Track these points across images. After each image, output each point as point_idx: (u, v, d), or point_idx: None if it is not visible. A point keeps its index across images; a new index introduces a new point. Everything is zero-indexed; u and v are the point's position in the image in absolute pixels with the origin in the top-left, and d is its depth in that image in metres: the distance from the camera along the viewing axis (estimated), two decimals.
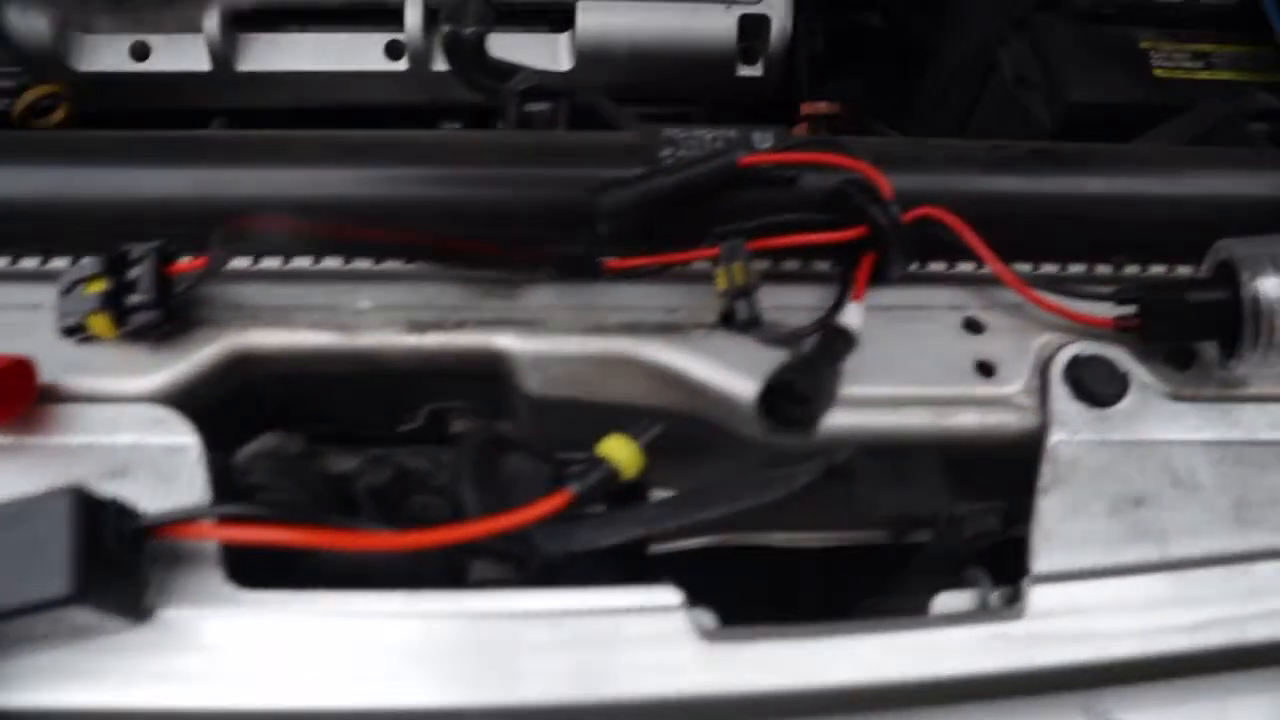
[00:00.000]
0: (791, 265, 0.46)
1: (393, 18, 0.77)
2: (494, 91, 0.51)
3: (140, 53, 0.78)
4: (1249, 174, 0.49)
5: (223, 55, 0.77)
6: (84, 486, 0.33)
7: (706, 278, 0.44)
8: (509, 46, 0.79)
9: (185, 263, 0.41)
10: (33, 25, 0.76)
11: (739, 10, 0.77)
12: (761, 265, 0.45)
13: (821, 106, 0.84)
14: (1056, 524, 0.39)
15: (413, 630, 0.36)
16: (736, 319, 0.41)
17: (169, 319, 0.40)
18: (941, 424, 0.41)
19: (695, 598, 0.37)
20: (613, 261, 0.44)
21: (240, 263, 0.44)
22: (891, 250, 0.41)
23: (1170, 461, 0.41)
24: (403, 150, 0.46)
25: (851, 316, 0.39)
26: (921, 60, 0.89)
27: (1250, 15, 0.68)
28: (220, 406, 0.43)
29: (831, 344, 0.35)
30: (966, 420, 0.41)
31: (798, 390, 0.30)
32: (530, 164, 0.45)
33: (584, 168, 0.45)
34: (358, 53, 0.78)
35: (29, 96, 0.76)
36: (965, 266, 0.46)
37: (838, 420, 0.40)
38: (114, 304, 0.39)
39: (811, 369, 0.32)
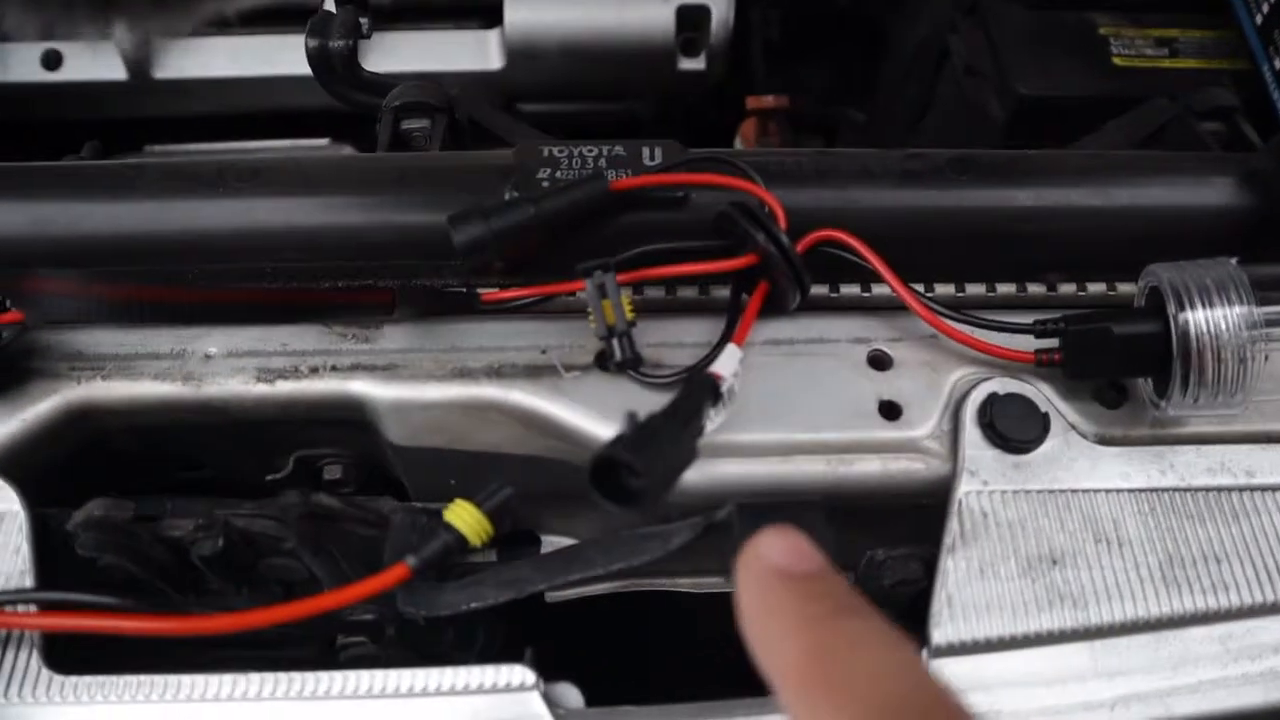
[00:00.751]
0: (689, 293, 0.42)
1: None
2: (371, 108, 0.47)
3: (52, 61, 0.75)
4: (1193, 182, 0.45)
5: (137, 63, 0.73)
6: None
7: (583, 311, 0.40)
8: (436, 44, 0.75)
9: (7, 314, 0.37)
10: None
11: (677, 1, 0.73)
12: (656, 294, 0.42)
13: (768, 100, 0.79)
14: (961, 587, 0.36)
15: (243, 718, 0.33)
16: (611, 360, 0.37)
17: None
18: (839, 473, 0.37)
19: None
20: (487, 294, 0.40)
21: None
22: (782, 279, 0.38)
23: (1094, 513, 0.37)
24: (259, 176, 0.42)
25: (724, 363, 0.35)
26: (882, 46, 0.84)
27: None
28: (65, 461, 0.40)
29: (688, 400, 0.32)
30: (867, 469, 0.38)
31: (633, 466, 0.26)
32: (391, 189, 0.41)
33: (451, 192, 0.41)
34: (279, 56, 0.75)
35: None
36: (880, 291, 0.42)
37: (722, 470, 0.37)
38: None
39: (651, 437, 0.28)
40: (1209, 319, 0.35)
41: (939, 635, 0.35)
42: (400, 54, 0.74)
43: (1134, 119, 0.51)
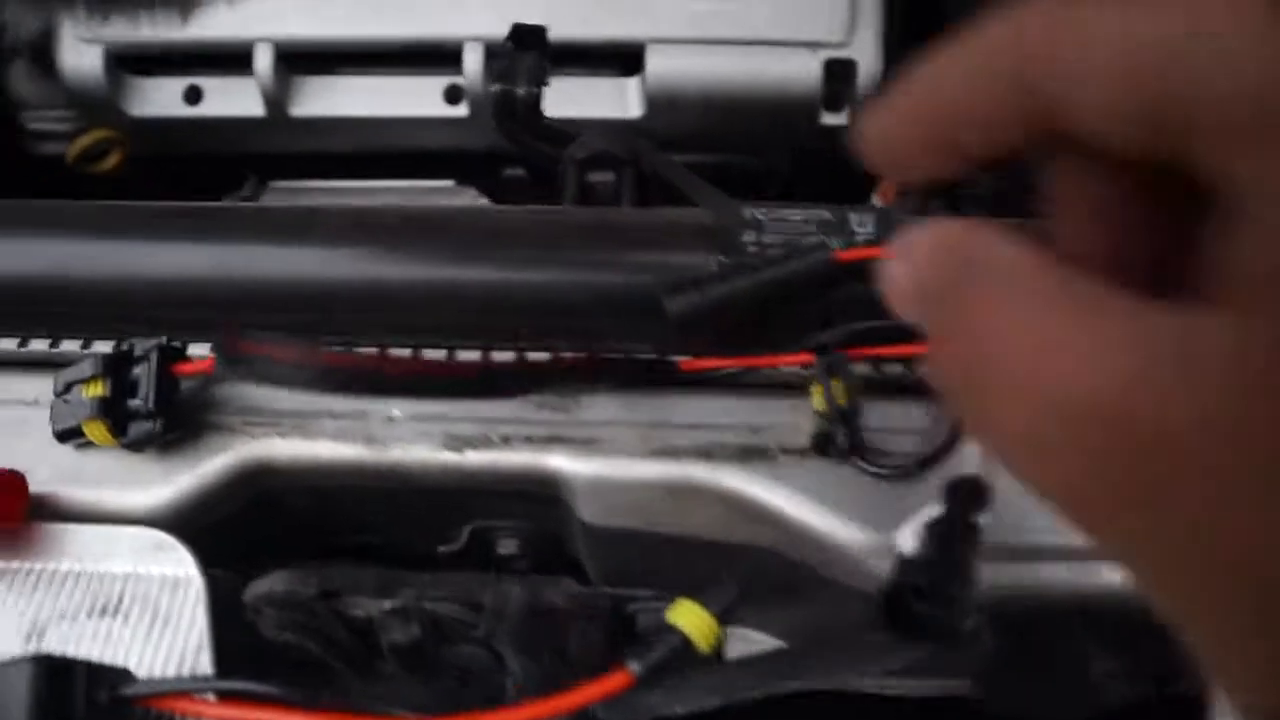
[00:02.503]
0: (895, 370, 0.39)
1: (451, 60, 0.72)
2: (552, 158, 0.45)
3: (193, 96, 0.75)
4: None
5: (276, 99, 0.73)
6: (50, 655, 0.28)
7: (794, 386, 0.37)
8: (574, 91, 0.74)
9: (191, 363, 0.35)
10: (86, 67, 0.73)
11: (825, 54, 0.70)
12: (862, 371, 0.38)
13: None
14: None
15: None
16: (834, 446, 0.34)
17: (172, 427, 0.35)
18: (1085, 581, 0.34)
19: None
20: (686, 363, 0.37)
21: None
22: None
23: None
24: (444, 227, 0.40)
25: (981, 467, 0.31)
26: None
27: None
28: (234, 518, 0.38)
29: (962, 506, 0.28)
30: (1114, 577, 0.34)
31: (932, 592, 0.23)
32: (588, 246, 0.39)
33: (653, 252, 0.39)
34: (415, 97, 0.74)
35: (83, 141, 0.74)
36: None
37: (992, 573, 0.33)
38: (112, 410, 0.34)
39: (942, 554, 0.25)
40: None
41: None
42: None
43: None
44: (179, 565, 0.33)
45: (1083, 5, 0.17)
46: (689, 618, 0.30)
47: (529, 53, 0.44)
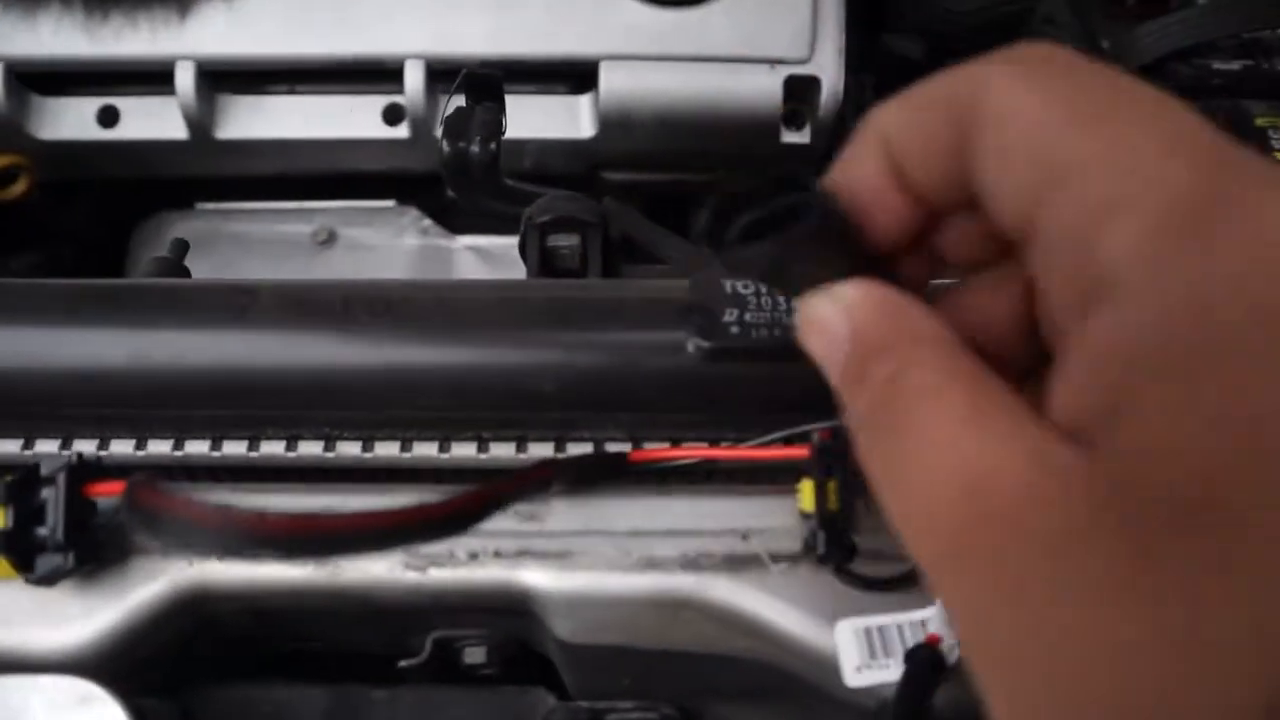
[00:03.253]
0: None
1: (391, 79, 0.67)
2: (510, 218, 0.42)
3: (108, 118, 0.69)
4: None
5: (199, 120, 0.67)
6: None
7: (783, 473, 0.35)
8: (524, 109, 0.70)
9: (108, 483, 0.31)
10: None
11: (785, 71, 0.68)
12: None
13: None
14: None
15: None
16: (822, 553, 0.32)
17: (86, 559, 0.31)
18: None
19: None
20: (633, 455, 0.34)
21: (192, 453, 0.36)
22: None
23: None
24: (393, 310, 0.36)
25: (939, 616, 0.29)
26: None
27: None
28: (168, 645, 0.34)
29: (918, 684, 0.27)
30: None
31: None
32: (552, 325, 0.36)
33: (627, 331, 0.36)
34: (352, 117, 0.69)
35: None
36: None
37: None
38: (16, 543, 0.30)
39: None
40: None
41: None
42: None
43: None
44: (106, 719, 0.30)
45: None
46: None
47: (483, 104, 0.41)
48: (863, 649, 0.30)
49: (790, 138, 0.71)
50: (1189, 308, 0.18)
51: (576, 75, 0.69)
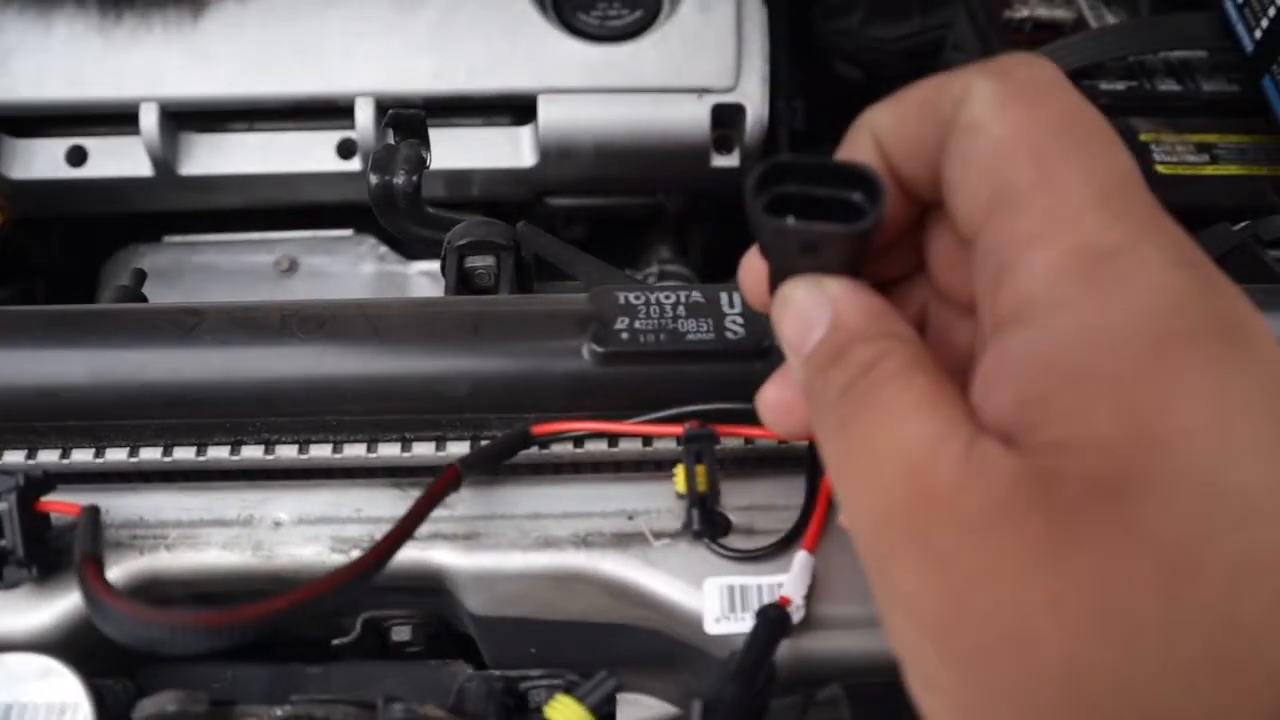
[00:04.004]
0: (768, 444, 0.41)
1: (344, 115, 0.72)
2: (433, 243, 0.46)
3: (77, 158, 0.73)
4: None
5: (163, 158, 0.72)
6: None
7: (667, 463, 0.39)
8: (467, 141, 0.75)
9: (59, 502, 0.35)
10: None
11: (712, 99, 0.73)
12: (734, 445, 0.41)
13: None
14: None
15: None
16: (694, 528, 0.36)
17: (49, 568, 0.35)
18: None
19: None
20: (538, 427, 0.39)
21: (146, 460, 0.40)
22: None
23: None
24: (324, 326, 0.41)
25: (794, 583, 0.34)
26: None
27: (1253, 103, 0.63)
28: None
29: (763, 637, 0.31)
30: None
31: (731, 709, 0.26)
32: (465, 338, 0.40)
33: (528, 339, 0.40)
34: (308, 152, 0.74)
35: None
36: None
37: (813, 645, 0.35)
38: None
39: (740, 683, 0.28)
40: None
41: None
42: (432, 152, 0.73)
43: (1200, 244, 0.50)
44: (65, 691, 0.34)
45: None
46: (566, 714, 0.31)
47: (407, 141, 0.45)
48: (724, 603, 0.34)
49: (720, 162, 0.76)
50: (1092, 335, 0.21)
51: (517, 108, 0.74)
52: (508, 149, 0.74)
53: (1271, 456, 0.20)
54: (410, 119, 0.45)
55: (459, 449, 0.40)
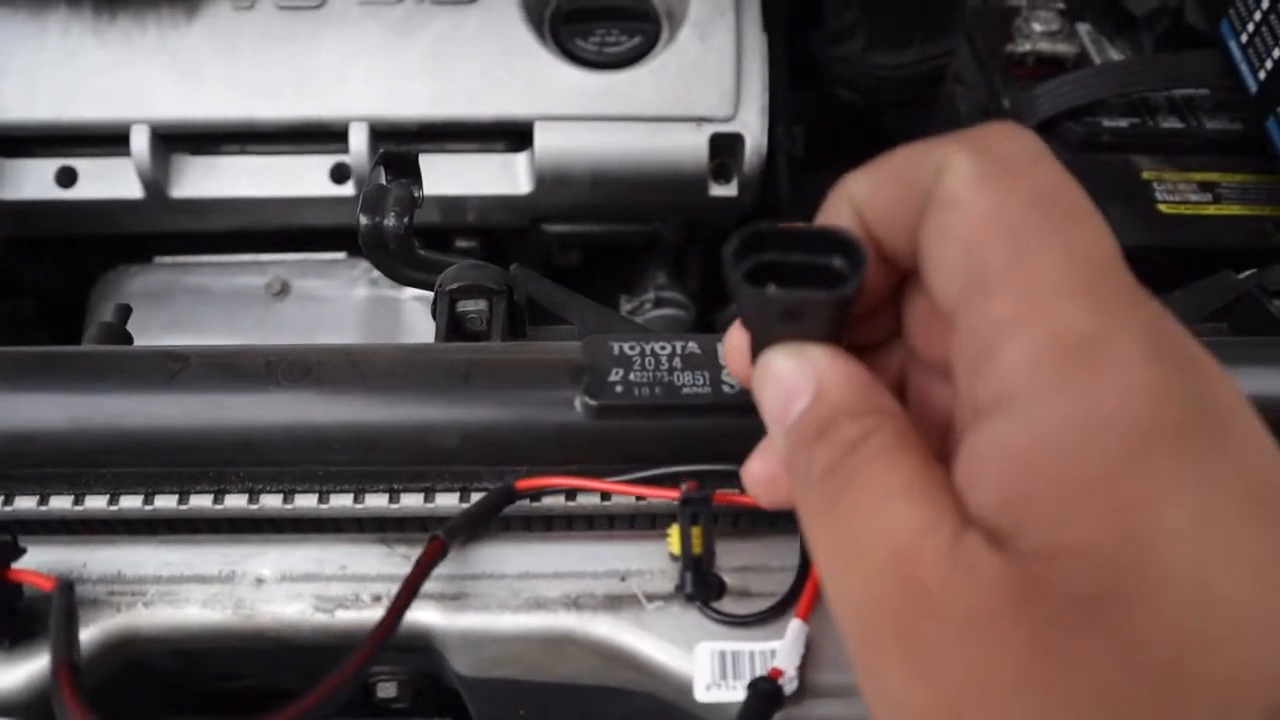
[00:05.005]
0: None
1: (337, 139, 0.71)
2: (425, 285, 0.45)
3: (67, 179, 0.72)
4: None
5: (154, 181, 0.71)
6: None
7: (660, 519, 0.38)
8: (462, 168, 0.74)
9: (30, 572, 0.34)
10: None
11: (711, 129, 0.72)
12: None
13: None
14: None
15: None
16: (687, 592, 0.35)
17: (20, 637, 0.34)
18: None
19: None
20: (522, 482, 0.38)
21: (126, 508, 0.39)
22: None
23: None
24: (310, 374, 0.40)
25: (786, 654, 0.33)
26: None
27: (1256, 142, 0.63)
28: (98, 686, 0.37)
29: (756, 711, 0.30)
30: None
31: None
32: (455, 387, 0.39)
33: (519, 389, 0.39)
34: (301, 176, 0.73)
35: None
36: None
37: (810, 715, 0.35)
38: None
39: None
40: None
41: None
42: (427, 178, 0.72)
43: (1200, 291, 0.50)
44: None
45: None
46: None
47: (398, 181, 0.44)
48: (715, 669, 0.33)
49: (718, 191, 0.75)
50: (1072, 433, 0.21)
51: (513, 135, 0.73)
52: (503, 175, 0.73)
53: (1256, 562, 0.20)
54: (402, 157, 0.45)
55: (448, 500, 0.39)
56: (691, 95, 0.72)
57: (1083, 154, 0.65)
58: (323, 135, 0.72)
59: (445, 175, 0.73)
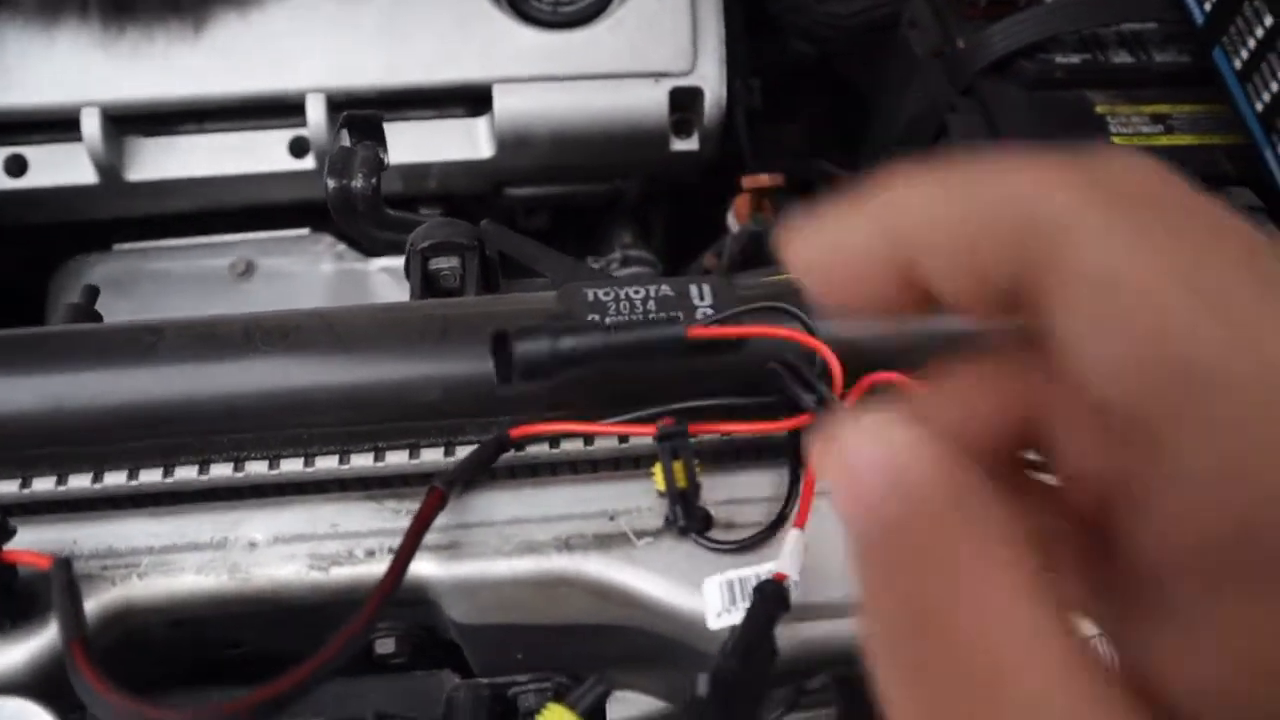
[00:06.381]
0: (744, 437, 0.41)
1: (294, 113, 0.70)
2: (396, 245, 0.45)
3: (16, 167, 0.71)
4: None
5: (108, 165, 0.70)
6: None
7: (644, 460, 0.39)
8: (423, 135, 0.74)
9: (25, 552, 0.34)
10: None
11: (670, 84, 0.72)
12: (710, 440, 0.40)
13: (764, 179, 0.79)
14: None
15: None
16: (678, 525, 0.36)
17: (21, 617, 0.34)
18: None
19: None
20: (516, 430, 0.38)
21: (111, 485, 0.39)
22: None
23: None
24: (289, 337, 0.40)
25: (788, 559, 0.34)
26: (862, 108, 0.85)
27: (1205, 74, 0.64)
28: (103, 660, 0.37)
29: (763, 614, 0.31)
30: None
31: (736, 688, 0.26)
32: (431, 342, 0.40)
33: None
34: (259, 152, 0.72)
35: None
36: None
37: (809, 633, 0.36)
38: None
39: (743, 657, 0.28)
40: None
41: None
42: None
43: None
44: None
45: None
46: None
47: (363, 143, 0.44)
48: (725, 598, 0.34)
49: (679, 145, 0.75)
50: None
51: (472, 100, 0.73)
52: (464, 141, 0.73)
53: None
54: (365, 120, 0.44)
55: (433, 455, 0.40)
56: (649, 50, 0.72)
57: (1037, 91, 0.66)
58: (279, 109, 0.71)
59: (406, 143, 0.72)
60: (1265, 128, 0.57)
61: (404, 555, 0.32)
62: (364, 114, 0.45)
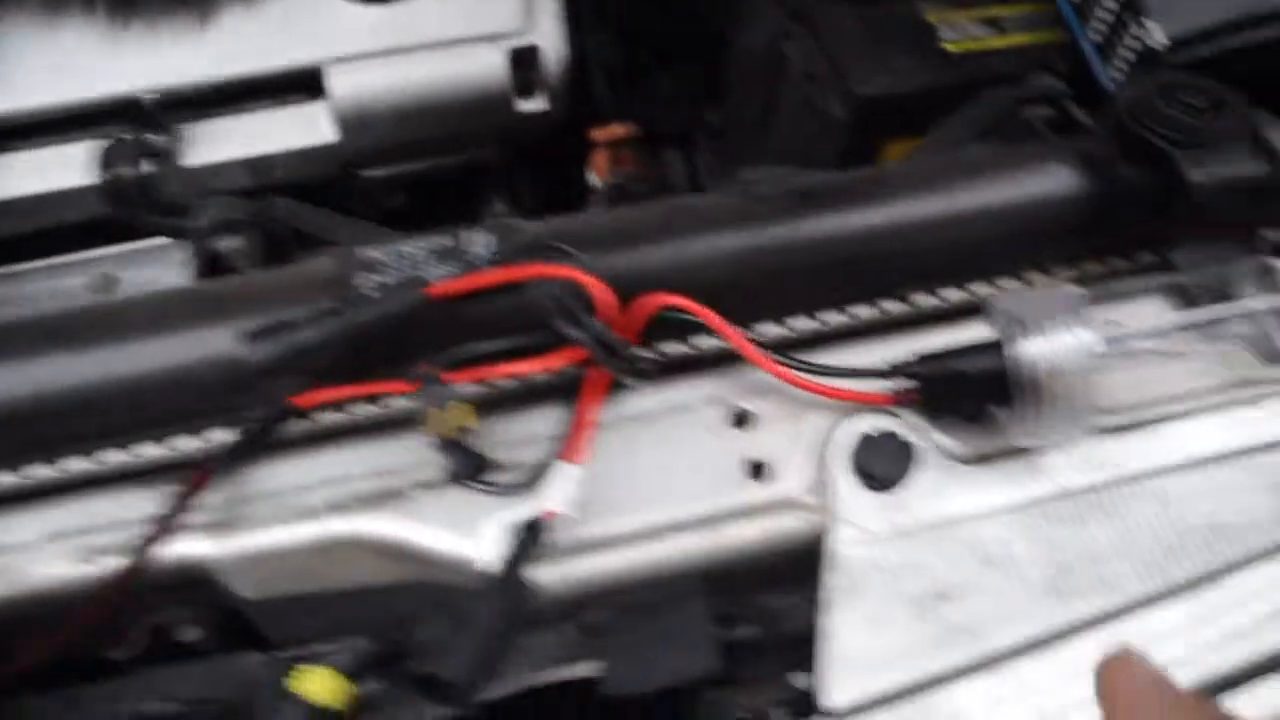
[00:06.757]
0: (510, 384, 0.40)
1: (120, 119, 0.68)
2: (179, 230, 0.44)
3: None
4: (1033, 175, 0.44)
5: None
6: None
7: (410, 419, 0.38)
8: (262, 125, 0.71)
9: None
10: None
11: (506, 44, 0.71)
12: (476, 390, 0.39)
13: (617, 130, 0.78)
14: (851, 642, 0.35)
15: None
16: (454, 471, 0.36)
17: None
18: (714, 545, 0.36)
19: None
20: (299, 399, 0.37)
21: None
22: (612, 370, 0.36)
23: (975, 537, 0.37)
24: (60, 335, 0.39)
25: (557, 493, 0.33)
26: (721, 52, 0.84)
27: None
28: None
29: (515, 554, 0.31)
30: (743, 534, 0.36)
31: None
32: (203, 322, 0.38)
33: (262, 314, 0.39)
34: (54, 169, 0.69)
35: None
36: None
37: (590, 566, 0.35)
38: None
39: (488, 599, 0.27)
40: (1045, 352, 0.35)
41: (833, 698, 0.34)
42: (226, 141, 0.70)
43: (969, 112, 0.51)
44: None
45: None
46: (312, 684, 0.30)
47: (134, 131, 0.43)
48: (503, 541, 0.34)
49: (526, 106, 0.73)
50: None
51: (308, 84, 0.71)
52: (305, 127, 0.71)
53: None
54: (135, 104, 0.43)
55: (221, 436, 0.39)
56: (480, 13, 0.71)
57: (865, 6, 0.66)
58: (100, 115, 0.69)
59: (246, 136, 0.70)
60: (1079, 15, 0.57)
61: (150, 541, 0.31)
62: (135, 99, 0.43)
